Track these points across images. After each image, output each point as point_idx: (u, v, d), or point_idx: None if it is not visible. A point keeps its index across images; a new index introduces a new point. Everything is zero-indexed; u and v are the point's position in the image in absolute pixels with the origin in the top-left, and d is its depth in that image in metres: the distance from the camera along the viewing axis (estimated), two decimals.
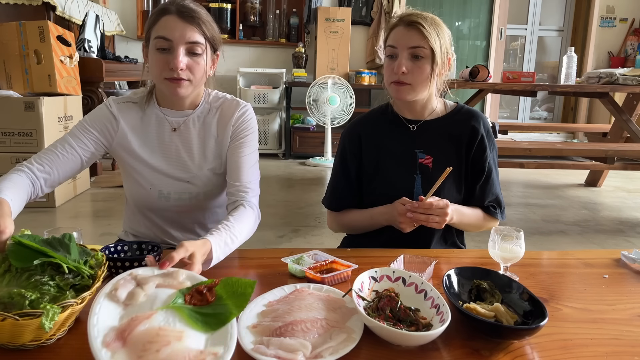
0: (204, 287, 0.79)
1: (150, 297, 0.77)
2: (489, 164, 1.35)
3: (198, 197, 1.33)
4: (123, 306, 0.76)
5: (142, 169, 1.30)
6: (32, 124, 3.27)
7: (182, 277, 0.83)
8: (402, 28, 1.26)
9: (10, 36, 3.41)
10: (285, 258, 1.09)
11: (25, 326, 0.71)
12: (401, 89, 1.27)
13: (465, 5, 6.05)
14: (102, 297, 0.75)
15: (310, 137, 5.54)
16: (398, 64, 1.24)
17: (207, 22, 1.22)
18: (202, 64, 1.22)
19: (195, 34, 1.19)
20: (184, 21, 1.18)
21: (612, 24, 6.18)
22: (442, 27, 1.28)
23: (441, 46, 1.25)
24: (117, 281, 0.79)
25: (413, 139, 1.35)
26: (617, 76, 3.35)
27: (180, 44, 1.17)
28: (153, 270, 0.85)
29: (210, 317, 0.74)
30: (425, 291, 0.91)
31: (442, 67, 1.28)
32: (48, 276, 0.79)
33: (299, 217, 3.38)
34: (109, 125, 1.28)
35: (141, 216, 1.37)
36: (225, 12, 5.54)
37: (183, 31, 1.17)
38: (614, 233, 3.24)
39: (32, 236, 0.84)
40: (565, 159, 5.17)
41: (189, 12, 1.18)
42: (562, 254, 1.30)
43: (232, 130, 1.31)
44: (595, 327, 0.88)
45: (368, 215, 1.36)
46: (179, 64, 1.16)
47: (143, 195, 1.32)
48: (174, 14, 1.18)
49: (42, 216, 3.20)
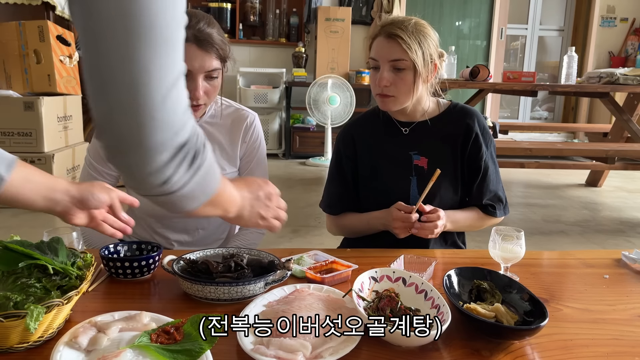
0: (170, 327, 0.76)
1: (115, 341, 0.74)
2: (486, 161, 1.33)
3: None
4: (85, 352, 0.72)
5: None
6: (32, 123, 3.27)
7: (147, 319, 0.80)
8: (382, 39, 1.24)
9: (10, 36, 3.41)
10: (285, 258, 1.09)
11: (10, 328, 0.71)
12: (385, 100, 1.27)
13: (465, 5, 6.04)
14: (62, 346, 0.71)
15: (310, 137, 5.54)
16: (380, 78, 1.24)
17: (221, 44, 1.19)
18: (218, 86, 1.23)
19: (213, 62, 1.18)
20: (202, 50, 1.16)
21: (612, 23, 6.18)
22: (425, 33, 1.25)
23: (424, 55, 1.23)
24: (76, 329, 0.75)
25: (407, 141, 1.34)
26: (618, 76, 3.34)
27: (200, 73, 1.17)
28: (113, 316, 0.81)
29: (180, 354, 0.71)
30: (425, 291, 0.90)
31: (428, 74, 1.27)
32: (34, 278, 0.79)
33: (299, 217, 3.38)
34: None
35: (143, 223, 1.37)
36: (225, 11, 5.54)
37: (202, 62, 1.16)
38: (615, 233, 3.24)
39: (21, 241, 0.84)
40: (566, 159, 5.17)
41: (206, 39, 1.16)
42: (563, 254, 1.30)
43: (242, 143, 1.35)
44: (596, 328, 0.88)
45: (365, 220, 1.35)
46: (199, 95, 1.18)
47: (147, 202, 1.30)
48: (191, 42, 1.14)
49: (42, 216, 3.19)
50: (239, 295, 0.90)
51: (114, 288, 0.99)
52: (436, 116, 1.34)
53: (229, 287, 0.90)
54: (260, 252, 1.05)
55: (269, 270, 0.98)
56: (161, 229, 1.37)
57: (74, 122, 3.70)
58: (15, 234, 0.89)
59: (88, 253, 0.90)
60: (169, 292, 0.98)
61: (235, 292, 0.90)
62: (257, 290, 0.92)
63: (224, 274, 0.95)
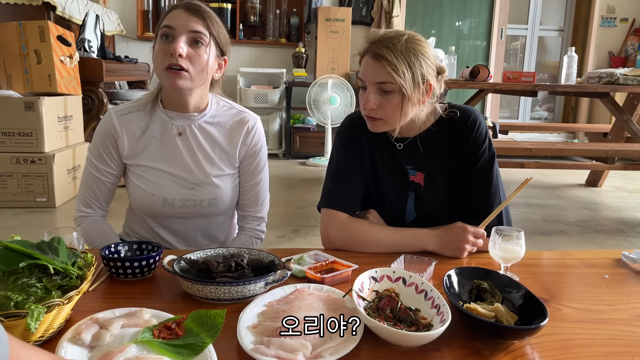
0: (172, 323, 0.78)
1: (118, 337, 0.75)
2: (483, 176, 1.23)
3: (202, 204, 1.32)
4: (89, 349, 0.73)
5: (146, 174, 1.30)
6: (32, 123, 3.27)
7: (147, 315, 0.81)
8: (369, 59, 1.15)
9: (11, 36, 3.41)
10: (285, 258, 1.09)
11: (11, 327, 0.71)
12: (374, 123, 1.20)
13: (465, 5, 6.04)
14: (65, 342, 0.72)
15: (310, 137, 5.54)
16: (365, 100, 1.16)
17: (213, 20, 1.25)
18: (204, 58, 1.21)
19: (199, 25, 1.21)
20: (189, 13, 1.21)
21: (612, 23, 6.18)
22: (417, 51, 1.13)
23: (414, 77, 1.12)
24: (78, 326, 0.76)
25: (402, 156, 1.27)
26: (618, 76, 3.34)
27: (183, 32, 1.19)
28: (114, 312, 0.82)
29: (182, 348, 0.72)
30: (425, 291, 0.91)
31: (420, 96, 1.16)
32: (35, 278, 0.79)
33: (299, 217, 3.38)
34: (113, 142, 1.31)
35: (142, 222, 1.37)
36: (225, 11, 5.55)
37: (187, 21, 1.20)
38: (615, 233, 3.24)
39: (22, 241, 0.84)
40: (566, 159, 5.17)
41: (195, 7, 1.22)
42: (563, 254, 1.30)
43: (242, 146, 1.35)
44: (596, 327, 0.88)
45: (409, 235, 1.19)
46: (178, 48, 1.17)
47: (146, 202, 1.31)
48: (181, 8, 1.22)
49: (42, 216, 3.20)
50: (239, 295, 0.91)
51: (114, 288, 0.99)
52: (430, 126, 1.25)
53: (230, 287, 0.90)
54: (261, 252, 1.05)
55: (269, 270, 0.98)
56: (159, 229, 1.37)
57: (74, 122, 3.70)
58: (16, 234, 0.89)
59: (88, 253, 0.90)
60: (169, 292, 0.98)
61: (235, 292, 0.90)
62: (258, 290, 0.92)
63: (225, 273, 0.95)
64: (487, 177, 1.24)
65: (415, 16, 6.00)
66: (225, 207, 1.36)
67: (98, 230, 1.34)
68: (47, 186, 3.33)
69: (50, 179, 3.33)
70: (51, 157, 3.32)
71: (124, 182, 1.38)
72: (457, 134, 1.24)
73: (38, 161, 3.30)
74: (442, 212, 1.27)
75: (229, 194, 1.34)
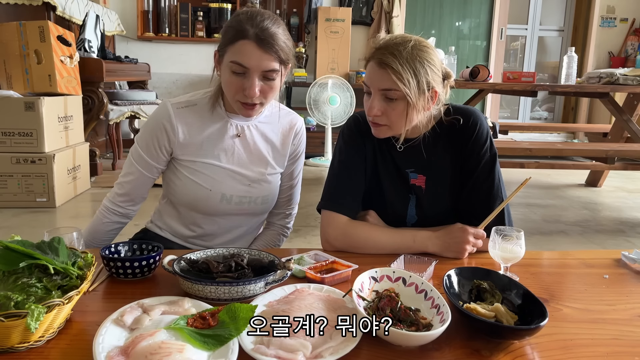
0: (207, 313, 0.81)
1: (155, 322, 0.79)
2: (484, 176, 1.23)
3: (256, 201, 1.35)
4: (129, 330, 0.78)
5: (203, 169, 1.29)
6: (33, 124, 3.27)
7: (188, 305, 0.85)
8: (374, 65, 1.14)
9: (11, 36, 3.41)
10: (285, 258, 1.09)
11: (11, 327, 0.71)
12: (378, 129, 1.19)
13: (465, 5, 6.04)
14: (109, 322, 0.78)
15: (310, 137, 5.47)
16: (370, 106, 1.15)
17: (283, 46, 1.18)
18: (276, 87, 1.23)
19: (272, 63, 1.17)
20: (262, 49, 1.15)
21: (612, 24, 6.18)
22: (423, 58, 1.12)
23: (419, 84, 1.11)
24: (124, 309, 0.82)
25: (402, 159, 1.26)
26: (618, 76, 3.34)
27: (256, 72, 1.17)
28: (160, 299, 0.87)
29: (210, 338, 0.75)
30: (425, 291, 0.91)
31: (425, 103, 1.15)
32: (35, 278, 0.79)
33: (299, 217, 3.37)
34: (166, 136, 1.28)
35: (185, 218, 1.36)
36: (225, 12, 5.55)
37: (260, 61, 1.15)
38: (615, 233, 3.24)
39: (22, 241, 0.85)
40: (566, 159, 5.17)
41: (267, 39, 1.15)
42: (563, 254, 1.30)
43: (291, 145, 1.39)
44: (596, 328, 0.88)
45: (409, 238, 1.19)
46: (254, 93, 1.17)
47: (201, 197, 1.30)
48: (252, 40, 1.14)
49: (42, 216, 3.20)
50: (239, 295, 0.91)
51: (114, 288, 0.99)
52: (431, 128, 1.24)
53: (230, 287, 0.90)
54: (261, 252, 1.05)
55: (269, 270, 0.98)
56: (207, 225, 1.36)
57: (74, 122, 3.70)
58: (16, 234, 0.89)
59: (89, 253, 0.90)
60: (169, 292, 0.97)
61: (235, 292, 0.90)
62: (258, 290, 0.92)
63: (225, 273, 0.96)
64: (488, 177, 1.24)
65: (415, 16, 6.00)
66: (272, 204, 1.41)
67: (114, 229, 1.36)
68: (47, 186, 3.33)
69: (51, 179, 3.33)
70: (51, 157, 3.32)
71: (166, 177, 1.36)
72: (458, 135, 1.24)
73: (38, 161, 3.30)
74: (443, 215, 1.27)
75: (277, 192, 1.40)
